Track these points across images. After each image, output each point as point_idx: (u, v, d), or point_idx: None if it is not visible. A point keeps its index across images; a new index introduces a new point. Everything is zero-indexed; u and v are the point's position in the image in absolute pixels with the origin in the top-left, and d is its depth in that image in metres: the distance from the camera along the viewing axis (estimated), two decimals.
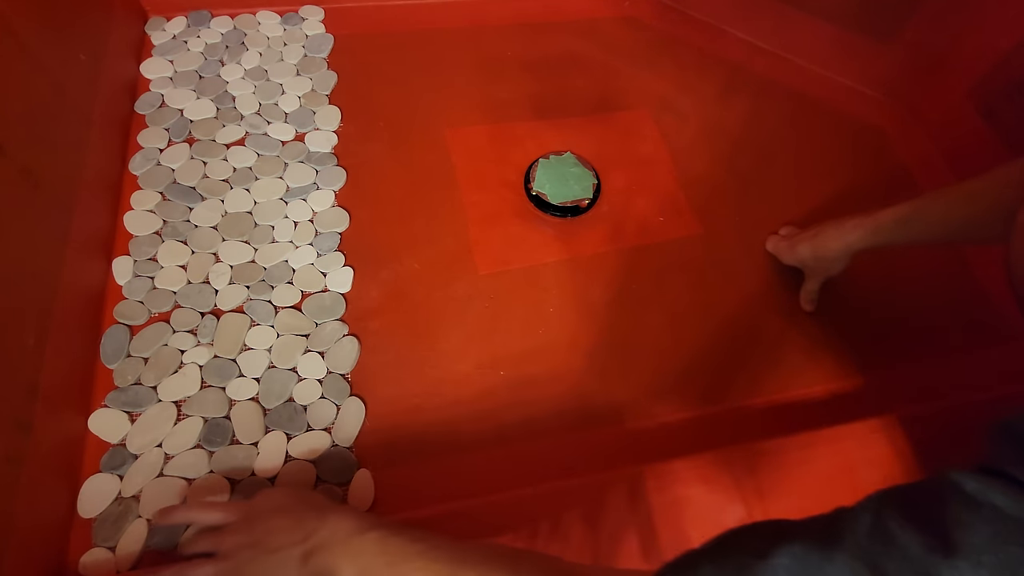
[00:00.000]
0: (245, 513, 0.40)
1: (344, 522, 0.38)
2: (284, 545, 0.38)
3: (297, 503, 0.40)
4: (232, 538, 0.39)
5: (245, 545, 0.39)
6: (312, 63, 0.72)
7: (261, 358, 0.53)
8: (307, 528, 0.38)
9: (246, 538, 0.39)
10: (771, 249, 0.64)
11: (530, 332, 0.57)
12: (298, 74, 0.71)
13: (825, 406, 0.56)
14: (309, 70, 0.71)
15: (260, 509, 0.40)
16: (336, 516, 0.38)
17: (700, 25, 0.83)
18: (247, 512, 0.40)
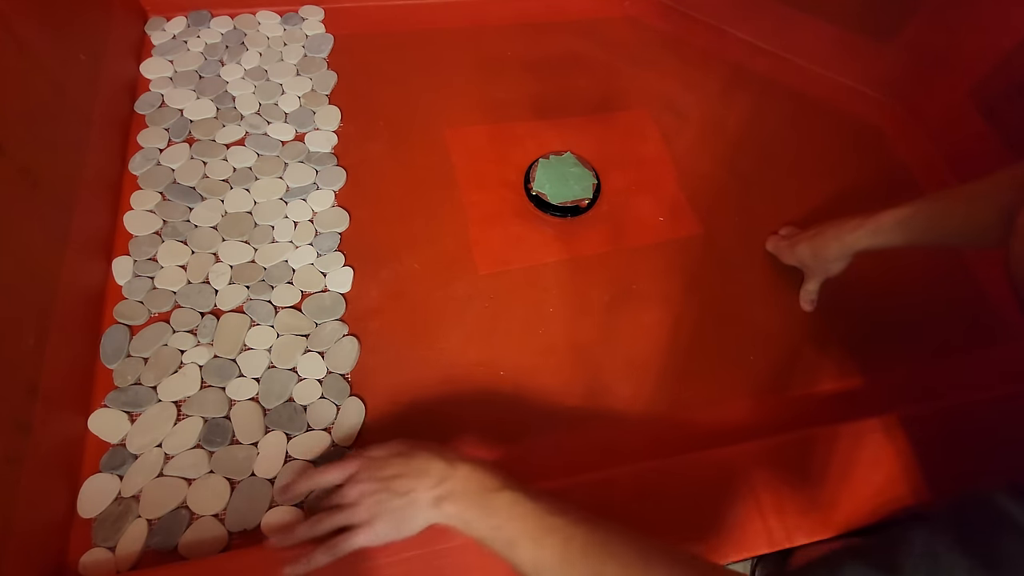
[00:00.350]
0: (366, 463, 0.40)
1: (476, 474, 0.38)
2: (414, 488, 0.38)
3: (416, 450, 0.40)
4: (358, 487, 0.39)
5: (373, 491, 0.39)
6: (312, 63, 0.72)
7: (261, 358, 0.53)
8: (436, 474, 0.38)
9: (373, 485, 0.39)
10: (771, 249, 0.64)
11: (530, 332, 0.57)
12: (298, 74, 0.71)
13: (825, 406, 0.56)
14: (309, 70, 0.71)
15: (380, 457, 0.40)
16: (467, 467, 0.38)
17: (701, 25, 0.83)
18: (367, 462, 0.41)
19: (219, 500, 0.46)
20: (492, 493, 0.37)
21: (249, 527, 0.46)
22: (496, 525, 0.36)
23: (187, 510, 0.46)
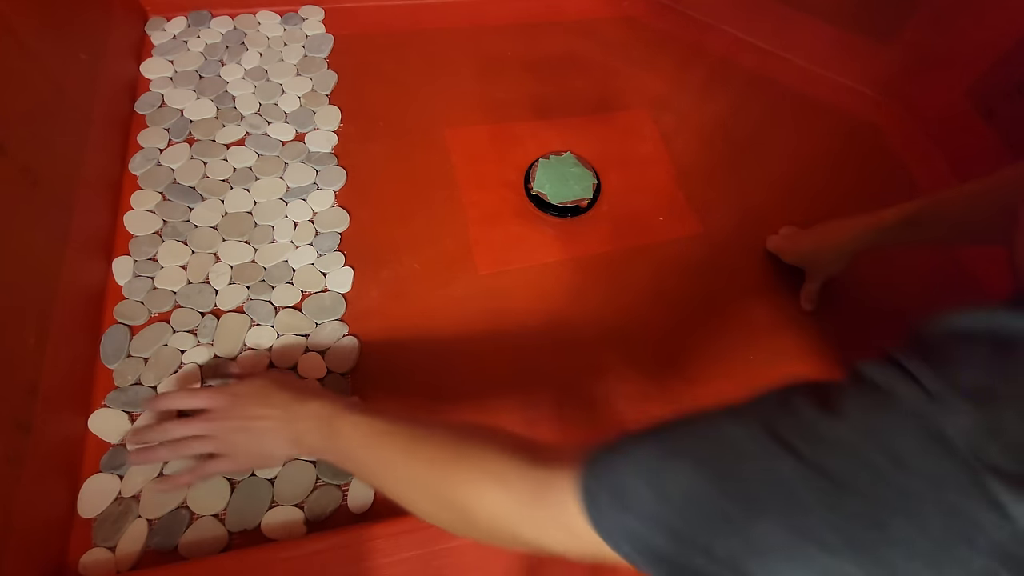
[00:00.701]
0: (231, 398, 0.44)
1: (324, 408, 0.41)
2: (271, 428, 0.42)
3: (278, 389, 0.43)
4: (222, 422, 0.43)
5: (234, 428, 0.43)
6: (312, 63, 0.72)
7: (261, 358, 0.53)
8: (291, 412, 0.42)
9: (235, 422, 0.43)
10: (771, 249, 0.64)
11: (530, 332, 0.57)
12: (298, 74, 0.71)
13: None
14: (309, 70, 0.71)
15: (245, 394, 0.44)
16: (316, 401, 0.41)
17: (699, 25, 0.83)
18: (232, 398, 0.44)
19: (219, 500, 0.46)
20: (336, 420, 0.40)
21: (249, 527, 0.46)
22: (340, 448, 0.39)
23: (187, 510, 0.46)
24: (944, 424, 0.21)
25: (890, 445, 0.21)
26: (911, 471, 0.21)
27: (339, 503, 0.47)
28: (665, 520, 0.25)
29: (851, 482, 0.22)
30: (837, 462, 0.22)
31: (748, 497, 0.24)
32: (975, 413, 0.21)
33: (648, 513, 0.25)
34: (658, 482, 0.26)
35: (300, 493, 0.47)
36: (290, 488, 0.47)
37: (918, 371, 0.22)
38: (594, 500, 0.27)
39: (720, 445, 0.25)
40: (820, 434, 0.23)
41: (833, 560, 0.22)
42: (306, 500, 0.47)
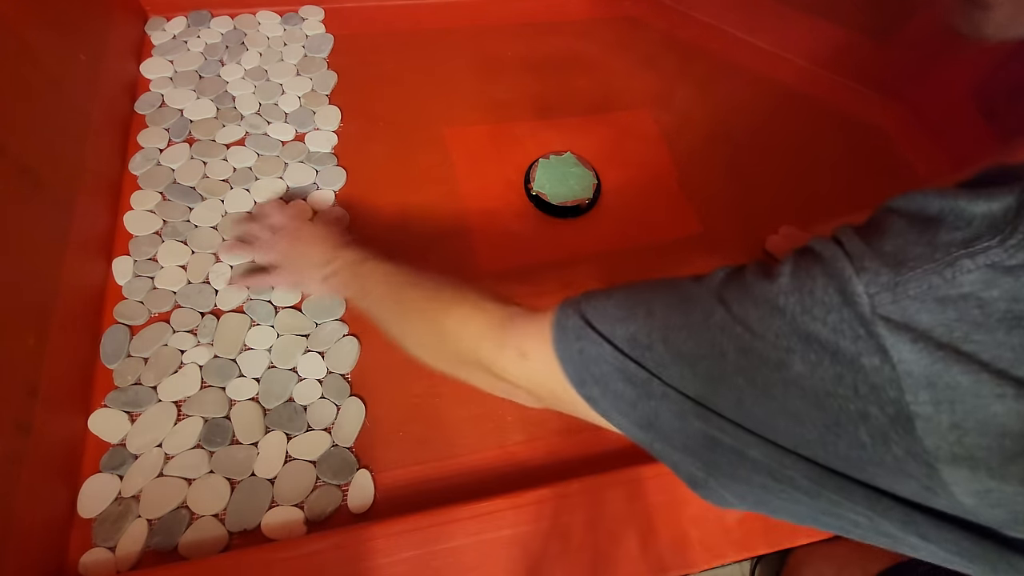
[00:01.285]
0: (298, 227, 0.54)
1: (352, 255, 0.50)
2: (315, 257, 0.51)
3: (329, 234, 0.53)
4: (283, 241, 0.53)
5: (288, 248, 0.53)
6: (312, 63, 0.72)
7: (261, 358, 0.53)
8: (327, 256, 0.50)
9: (287, 242, 0.53)
10: (770, 248, 0.64)
11: None
12: (298, 74, 0.71)
13: None
14: (309, 70, 0.71)
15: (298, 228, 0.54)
16: (347, 250, 0.50)
17: (700, 25, 0.83)
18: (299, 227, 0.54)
19: (219, 500, 0.46)
20: (360, 265, 0.48)
21: (249, 527, 0.46)
22: (360, 286, 0.47)
23: (187, 510, 0.46)
24: (852, 280, 0.23)
25: (804, 297, 0.24)
26: (816, 319, 0.23)
27: (339, 503, 0.47)
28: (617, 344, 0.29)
29: (763, 331, 0.25)
30: (757, 313, 0.25)
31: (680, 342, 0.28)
32: (881, 271, 0.23)
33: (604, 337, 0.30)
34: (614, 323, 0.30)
35: (300, 493, 0.47)
36: (290, 488, 0.47)
37: (847, 238, 0.25)
38: (561, 327, 0.32)
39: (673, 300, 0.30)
40: (752, 293, 0.26)
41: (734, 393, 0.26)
42: (306, 500, 0.47)
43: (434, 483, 0.49)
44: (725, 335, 0.26)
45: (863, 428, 0.22)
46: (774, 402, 0.25)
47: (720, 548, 0.45)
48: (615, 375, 0.29)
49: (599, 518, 0.45)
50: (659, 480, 0.46)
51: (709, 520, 0.46)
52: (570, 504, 0.45)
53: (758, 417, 0.25)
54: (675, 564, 0.44)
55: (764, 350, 0.25)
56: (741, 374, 0.25)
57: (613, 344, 0.30)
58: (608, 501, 0.45)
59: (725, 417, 0.26)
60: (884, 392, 0.22)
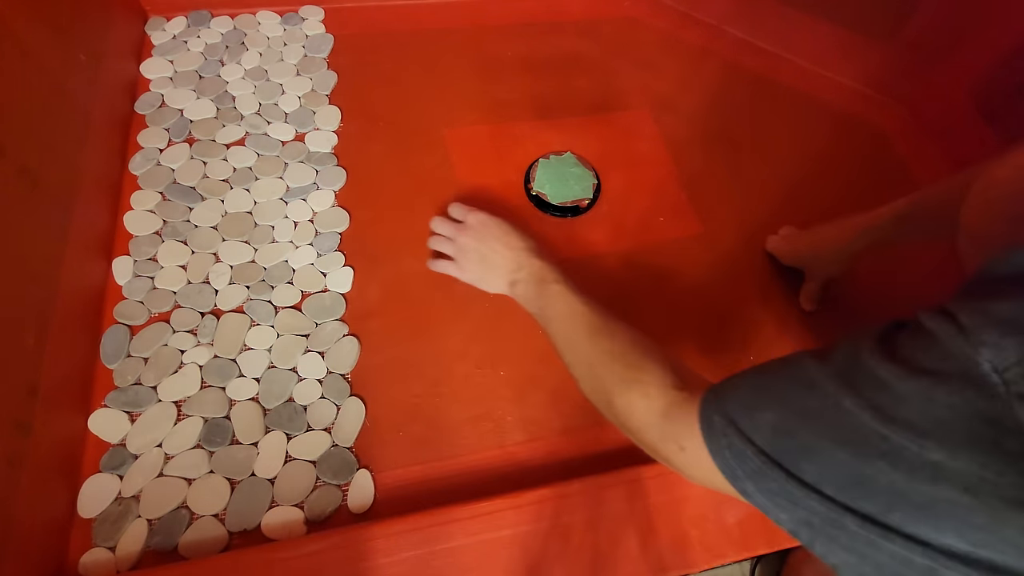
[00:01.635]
0: (485, 224, 0.54)
1: (544, 271, 0.50)
2: (499, 265, 0.52)
3: (520, 238, 0.53)
4: (468, 238, 0.54)
5: (473, 247, 0.54)
6: (312, 63, 0.72)
7: (261, 358, 0.53)
8: (519, 261, 0.51)
9: (477, 243, 0.54)
10: (771, 249, 0.64)
11: (530, 332, 0.57)
12: (298, 74, 0.71)
13: None
14: (309, 70, 0.71)
15: (496, 227, 0.54)
16: (541, 261, 0.51)
17: (700, 25, 0.83)
18: (485, 225, 0.54)
19: (219, 500, 0.46)
20: (548, 284, 0.48)
21: (249, 527, 0.46)
22: (543, 306, 0.48)
23: (187, 510, 0.46)
24: (973, 356, 0.23)
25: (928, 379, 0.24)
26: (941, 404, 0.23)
27: (339, 503, 0.47)
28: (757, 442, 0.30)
29: (895, 414, 0.25)
30: (886, 398, 0.25)
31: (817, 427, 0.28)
32: (1005, 343, 0.22)
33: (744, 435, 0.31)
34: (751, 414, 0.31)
35: (300, 493, 0.47)
36: (290, 488, 0.47)
37: (957, 310, 0.24)
38: (708, 423, 0.33)
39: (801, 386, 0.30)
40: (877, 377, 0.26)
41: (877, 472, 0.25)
42: (306, 500, 0.47)
43: (434, 483, 0.49)
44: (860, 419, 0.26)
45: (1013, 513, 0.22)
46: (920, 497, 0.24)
47: (720, 548, 0.45)
48: (764, 473, 0.30)
49: (599, 518, 0.45)
50: (659, 480, 0.46)
51: (709, 520, 0.46)
52: (570, 504, 0.45)
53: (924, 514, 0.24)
54: (675, 564, 0.44)
55: (899, 441, 0.24)
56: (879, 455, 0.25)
57: (753, 440, 0.30)
58: (608, 501, 0.46)
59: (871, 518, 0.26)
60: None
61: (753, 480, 0.31)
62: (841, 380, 0.28)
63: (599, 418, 0.53)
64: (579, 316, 0.46)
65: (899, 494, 0.25)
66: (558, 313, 0.47)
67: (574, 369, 0.45)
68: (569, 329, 0.46)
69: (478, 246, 0.53)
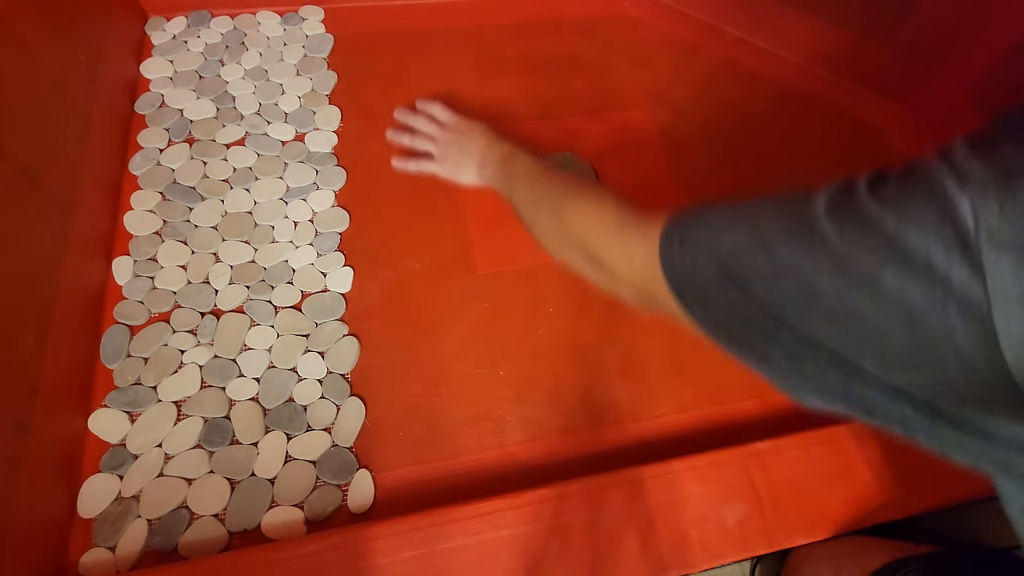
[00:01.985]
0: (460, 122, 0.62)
1: (505, 148, 0.56)
2: (474, 151, 0.58)
3: (488, 130, 0.60)
4: (447, 133, 0.61)
5: (452, 141, 0.60)
6: (312, 63, 0.72)
7: (261, 358, 0.53)
8: (491, 145, 0.57)
9: (455, 136, 0.60)
10: None
11: (530, 332, 0.57)
12: (298, 74, 0.71)
13: None
14: (309, 70, 0.71)
15: (469, 123, 0.61)
16: (501, 144, 0.57)
17: (700, 24, 0.83)
18: (460, 122, 0.62)
19: (219, 500, 0.47)
20: (510, 161, 0.54)
21: (249, 527, 0.46)
22: (507, 180, 0.53)
23: (187, 510, 0.46)
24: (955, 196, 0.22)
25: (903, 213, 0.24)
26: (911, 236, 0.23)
27: (339, 503, 0.47)
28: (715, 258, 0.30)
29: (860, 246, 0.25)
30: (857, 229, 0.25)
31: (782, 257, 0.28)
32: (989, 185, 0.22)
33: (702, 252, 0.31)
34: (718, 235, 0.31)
35: (300, 493, 0.47)
36: (290, 488, 0.47)
37: (954, 151, 0.24)
38: (668, 234, 0.33)
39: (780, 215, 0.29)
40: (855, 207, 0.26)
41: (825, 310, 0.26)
42: (306, 500, 0.47)
43: (434, 483, 0.49)
44: (825, 250, 0.26)
45: (948, 345, 0.22)
46: (864, 321, 0.24)
47: (720, 548, 0.45)
48: (713, 287, 0.30)
49: (599, 518, 0.45)
50: (659, 480, 0.46)
51: (709, 520, 0.46)
52: (570, 504, 0.45)
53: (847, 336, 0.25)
54: (675, 564, 0.44)
55: (859, 266, 0.25)
56: (835, 289, 0.25)
57: (715, 257, 0.30)
58: (608, 501, 0.46)
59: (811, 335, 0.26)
60: (971, 310, 0.21)
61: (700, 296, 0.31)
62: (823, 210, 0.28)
63: (599, 418, 0.54)
64: (537, 172, 0.50)
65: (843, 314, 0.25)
66: (519, 178, 0.51)
67: (532, 217, 0.48)
68: (527, 184, 0.50)
69: (458, 138, 0.59)
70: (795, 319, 0.27)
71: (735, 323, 0.30)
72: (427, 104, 0.64)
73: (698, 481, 0.46)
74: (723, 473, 0.47)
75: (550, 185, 0.48)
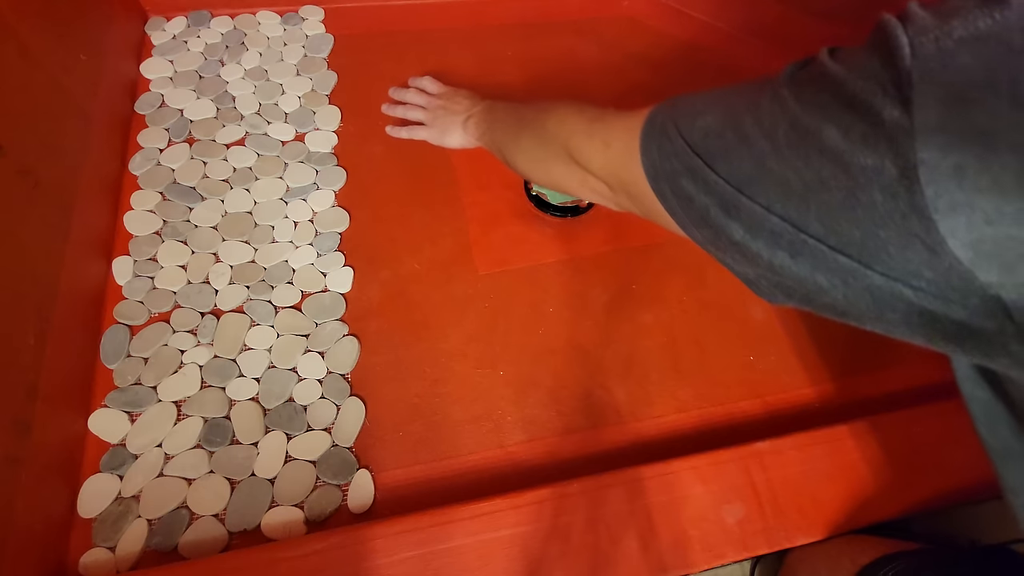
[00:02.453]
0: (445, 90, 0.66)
1: (489, 103, 0.60)
2: (459, 111, 0.62)
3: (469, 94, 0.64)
4: (434, 100, 0.65)
5: (440, 106, 0.64)
6: (312, 63, 0.72)
7: (261, 358, 0.53)
8: (474, 103, 0.62)
9: (442, 102, 0.64)
10: None
11: (530, 332, 0.57)
12: (298, 74, 0.71)
13: (823, 406, 0.56)
14: (309, 70, 0.71)
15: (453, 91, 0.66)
16: (486, 101, 0.61)
17: (700, 24, 0.82)
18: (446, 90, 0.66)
19: (219, 500, 0.47)
20: (493, 109, 0.58)
21: (249, 527, 0.46)
22: (490, 123, 0.57)
23: (187, 510, 0.46)
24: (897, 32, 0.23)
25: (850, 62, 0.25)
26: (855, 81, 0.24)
27: (339, 503, 0.47)
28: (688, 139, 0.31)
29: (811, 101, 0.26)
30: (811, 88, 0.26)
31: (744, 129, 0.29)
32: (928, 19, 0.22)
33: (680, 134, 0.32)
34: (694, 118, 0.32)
35: (300, 493, 0.47)
36: (290, 488, 0.47)
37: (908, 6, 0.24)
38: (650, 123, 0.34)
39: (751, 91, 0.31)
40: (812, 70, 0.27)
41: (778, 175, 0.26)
42: (306, 500, 0.47)
43: (434, 483, 0.49)
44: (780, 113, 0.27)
45: (876, 186, 0.23)
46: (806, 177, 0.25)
47: (720, 548, 0.45)
48: (683, 171, 0.31)
49: (599, 518, 0.45)
50: (659, 480, 0.46)
51: (709, 520, 0.46)
52: (570, 504, 0.45)
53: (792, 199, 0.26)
54: (675, 564, 0.44)
55: (808, 121, 0.25)
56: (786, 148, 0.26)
57: (687, 140, 0.31)
58: (608, 501, 0.46)
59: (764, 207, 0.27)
60: (898, 144, 0.22)
61: (670, 180, 0.32)
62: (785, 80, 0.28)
63: (599, 418, 0.54)
64: (518, 105, 0.53)
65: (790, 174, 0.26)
66: (502, 115, 0.55)
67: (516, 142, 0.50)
68: (508, 115, 0.53)
69: (446, 103, 0.63)
70: (750, 190, 0.28)
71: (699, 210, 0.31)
72: (418, 79, 0.68)
73: (698, 481, 0.47)
74: (723, 473, 0.47)
75: (530, 107, 0.50)
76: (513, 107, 0.55)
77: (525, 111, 0.51)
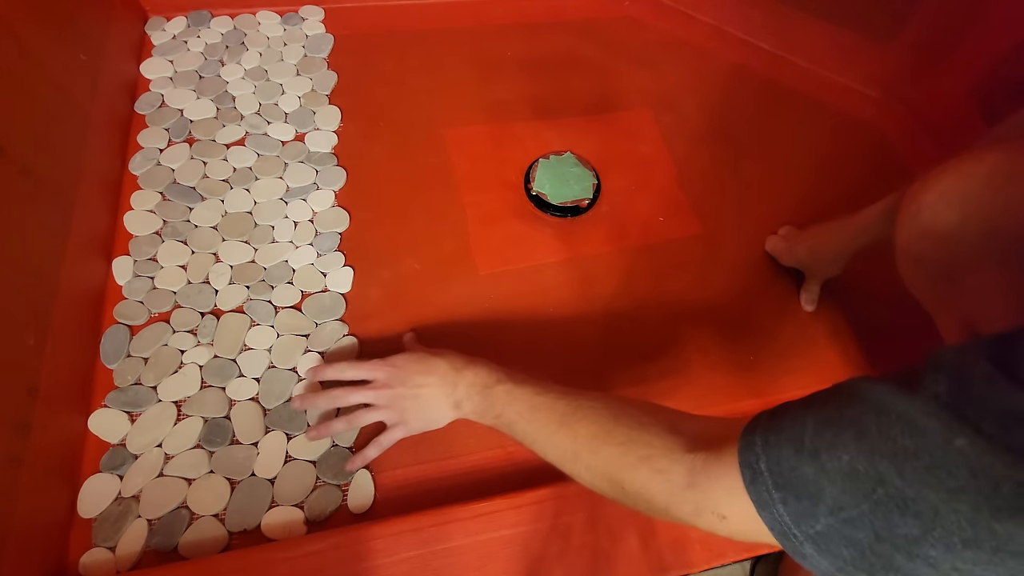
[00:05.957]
0: (393, 369, 0.47)
1: (479, 377, 0.45)
2: (435, 395, 0.46)
3: (434, 357, 0.47)
4: (389, 391, 0.47)
5: (402, 396, 0.47)
6: (312, 63, 0.72)
7: (261, 358, 0.53)
8: (449, 380, 0.46)
9: (402, 390, 0.47)
10: (770, 250, 0.64)
11: (530, 332, 0.57)
12: (298, 74, 0.71)
13: None
14: (309, 70, 0.71)
15: (405, 365, 0.48)
16: (471, 370, 0.46)
17: (700, 25, 0.83)
18: (394, 368, 0.47)
19: (219, 500, 0.46)
20: (491, 389, 0.44)
21: (249, 527, 0.46)
22: (498, 414, 0.43)
23: (187, 510, 0.46)
24: None
25: None
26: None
27: (339, 503, 0.47)
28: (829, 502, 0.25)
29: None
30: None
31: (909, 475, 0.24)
32: None
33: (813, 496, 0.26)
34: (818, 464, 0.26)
35: (300, 493, 0.47)
36: (290, 488, 0.47)
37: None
38: (751, 469, 0.28)
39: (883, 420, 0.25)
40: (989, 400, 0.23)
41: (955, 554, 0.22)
42: (306, 500, 0.47)
43: (434, 483, 0.49)
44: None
45: None
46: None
47: (720, 548, 0.45)
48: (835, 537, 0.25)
49: (599, 518, 0.45)
50: None
51: None
52: (570, 504, 0.45)
53: None
54: (675, 564, 0.44)
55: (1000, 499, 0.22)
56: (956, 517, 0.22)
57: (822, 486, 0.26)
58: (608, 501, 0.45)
59: None
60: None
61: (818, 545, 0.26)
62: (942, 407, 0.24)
63: None
64: (540, 409, 0.41)
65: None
66: (517, 415, 0.42)
67: (565, 467, 0.39)
68: (537, 429, 0.41)
69: (405, 391, 0.47)
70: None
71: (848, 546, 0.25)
72: (334, 370, 0.49)
73: None
74: None
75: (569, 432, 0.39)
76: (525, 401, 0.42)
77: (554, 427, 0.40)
